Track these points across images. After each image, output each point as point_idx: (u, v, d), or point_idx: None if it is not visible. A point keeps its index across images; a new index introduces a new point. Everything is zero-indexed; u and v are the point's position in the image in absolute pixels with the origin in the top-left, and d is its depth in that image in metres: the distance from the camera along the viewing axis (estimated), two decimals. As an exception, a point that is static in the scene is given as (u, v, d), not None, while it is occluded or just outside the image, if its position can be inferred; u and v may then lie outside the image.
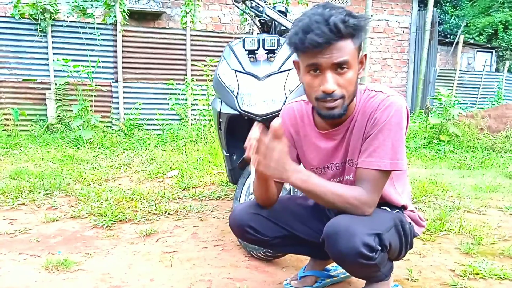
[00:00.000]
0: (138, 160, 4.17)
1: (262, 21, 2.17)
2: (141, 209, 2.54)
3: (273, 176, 1.12)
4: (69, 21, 5.66)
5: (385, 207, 1.30)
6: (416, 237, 1.38)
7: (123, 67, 5.93)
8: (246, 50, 1.97)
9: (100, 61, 5.66)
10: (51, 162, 3.92)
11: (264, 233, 1.36)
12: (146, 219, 2.39)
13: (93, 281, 1.61)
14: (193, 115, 6.09)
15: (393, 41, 9.69)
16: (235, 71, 1.99)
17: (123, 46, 5.91)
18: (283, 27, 2.20)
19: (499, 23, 13.98)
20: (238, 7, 2.24)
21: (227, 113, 2.03)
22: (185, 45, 6.18)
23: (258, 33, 2.24)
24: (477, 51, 12.97)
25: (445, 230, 2.24)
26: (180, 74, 6.20)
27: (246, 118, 1.98)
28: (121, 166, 3.84)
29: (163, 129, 5.89)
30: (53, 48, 5.63)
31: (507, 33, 13.80)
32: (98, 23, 5.82)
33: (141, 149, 4.88)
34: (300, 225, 1.40)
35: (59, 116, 5.52)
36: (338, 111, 1.16)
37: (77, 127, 4.98)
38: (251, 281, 1.63)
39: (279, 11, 2.18)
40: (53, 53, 5.62)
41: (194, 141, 4.94)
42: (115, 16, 5.78)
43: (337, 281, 1.62)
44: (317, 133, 1.32)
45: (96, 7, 5.85)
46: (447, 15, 14.07)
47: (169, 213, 2.50)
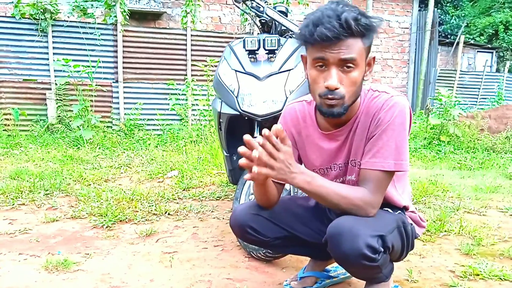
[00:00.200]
0: (138, 160, 4.17)
1: (262, 21, 2.17)
2: (141, 210, 2.54)
3: (277, 178, 1.10)
4: (70, 21, 5.66)
5: (387, 208, 1.30)
6: (417, 238, 1.38)
7: (124, 67, 5.93)
8: (246, 50, 1.97)
9: (100, 61, 5.67)
10: (51, 162, 3.92)
11: (264, 234, 1.35)
12: (146, 220, 2.39)
13: (93, 281, 1.61)
14: (194, 115, 6.09)
15: (394, 42, 9.68)
16: (236, 71, 1.99)
17: (124, 46, 5.91)
18: (283, 27, 2.19)
19: (500, 24, 13.97)
20: (238, 7, 2.23)
21: (228, 113, 2.03)
22: (186, 45, 6.17)
23: (258, 33, 2.24)
24: (478, 51, 12.97)
25: (445, 231, 2.24)
26: (180, 74, 6.20)
27: (246, 118, 1.98)
28: (121, 166, 3.84)
29: (163, 129, 5.88)
30: (54, 48, 5.63)
31: (507, 34, 13.79)
32: (98, 23, 5.81)
33: (141, 149, 4.88)
34: (301, 226, 1.40)
35: (60, 116, 5.52)
36: (337, 110, 1.15)
37: (78, 127, 4.98)
38: (251, 282, 1.63)
39: (280, 11, 2.17)
40: (54, 53, 5.62)
41: (194, 142, 4.94)
42: (116, 16, 5.77)
43: (337, 282, 1.62)
44: (320, 133, 1.32)
45: (96, 7, 5.85)
46: (447, 15, 14.09)
47: (169, 214, 2.50)
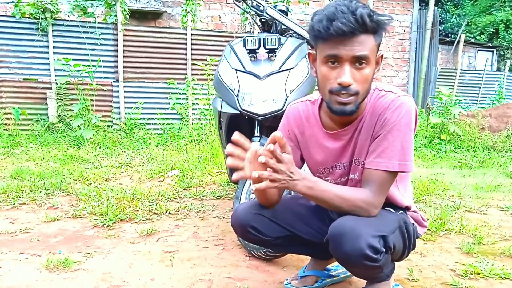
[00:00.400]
0: (138, 159, 4.17)
1: (263, 20, 2.17)
2: (141, 209, 2.54)
3: (280, 188, 1.10)
4: (70, 21, 5.66)
5: (389, 208, 1.30)
6: (418, 237, 1.38)
7: (124, 67, 5.93)
8: (247, 49, 1.96)
9: (101, 61, 5.67)
10: (52, 161, 3.93)
11: (266, 234, 1.35)
12: (146, 219, 2.39)
13: (94, 281, 1.61)
14: (194, 114, 6.08)
15: (394, 40, 9.67)
16: (236, 70, 1.99)
17: (124, 45, 5.90)
18: (284, 26, 2.19)
19: (500, 22, 13.94)
20: (239, 6, 2.23)
21: (228, 112, 2.03)
22: (186, 44, 6.17)
23: (259, 32, 2.23)
24: (478, 50, 12.95)
25: (446, 229, 2.23)
26: (181, 73, 6.20)
27: (246, 117, 1.98)
28: (122, 165, 3.84)
29: (164, 128, 5.88)
30: (54, 47, 5.63)
31: (508, 32, 13.77)
32: (99, 23, 5.81)
33: (142, 148, 4.88)
34: (302, 225, 1.39)
35: (60, 115, 5.52)
36: (350, 107, 1.14)
37: (78, 126, 4.99)
38: (251, 281, 1.63)
39: (280, 10, 2.17)
40: (54, 53, 5.62)
41: (194, 141, 4.94)
42: (116, 15, 5.77)
43: (338, 281, 1.62)
44: (325, 133, 1.31)
45: (97, 7, 5.85)
46: (448, 14, 14.07)
47: (169, 213, 2.50)
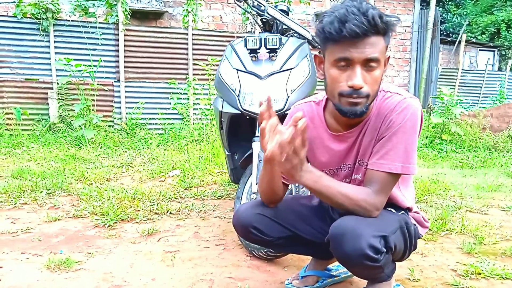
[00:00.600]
0: (140, 159, 4.18)
1: (264, 20, 2.16)
2: (143, 209, 2.55)
3: (288, 174, 1.09)
4: (71, 21, 5.67)
5: (390, 209, 1.30)
6: (420, 238, 1.37)
7: (125, 67, 5.93)
8: (248, 49, 1.96)
9: (102, 61, 5.67)
10: (53, 161, 3.93)
11: (268, 234, 1.35)
12: (148, 219, 2.39)
13: (95, 280, 1.62)
14: (195, 114, 6.08)
15: (395, 40, 9.66)
16: (237, 70, 1.98)
17: (125, 45, 5.90)
18: (285, 26, 2.19)
19: (502, 22, 13.91)
20: (240, 6, 2.23)
21: (229, 112, 2.02)
22: (187, 44, 6.17)
23: (260, 32, 2.23)
24: (480, 50, 12.91)
25: (447, 229, 2.23)
26: (182, 73, 6.20)
27: (247, 117, 1.98)
28: (123, 165, 3.85)
29: (165, 128, 5.89)
30: (55, 47, 5.63)
31: (509, 32, 13.73)
32: (100, 23, 5.82)
33: (143, 148, 4.89)
34: (303, 226, 1.40)
35: (61, 115, 5.52)
36: (360, 108, 1.14)
37: (79, 126, 5.00)
38: (252, 281, 1.63)
39: (281, 10, 2.17)
40: (55, 53, 5.62)
41: (196, 141, 4.94)
42: (117, 15, 5.77)
43: (339, 281, 1.62)
44: (330, 135, 1.31)
45: (98, 7, 5.85)
46: (449, 14, 14.04)
47: (171, 213, 2.51)
